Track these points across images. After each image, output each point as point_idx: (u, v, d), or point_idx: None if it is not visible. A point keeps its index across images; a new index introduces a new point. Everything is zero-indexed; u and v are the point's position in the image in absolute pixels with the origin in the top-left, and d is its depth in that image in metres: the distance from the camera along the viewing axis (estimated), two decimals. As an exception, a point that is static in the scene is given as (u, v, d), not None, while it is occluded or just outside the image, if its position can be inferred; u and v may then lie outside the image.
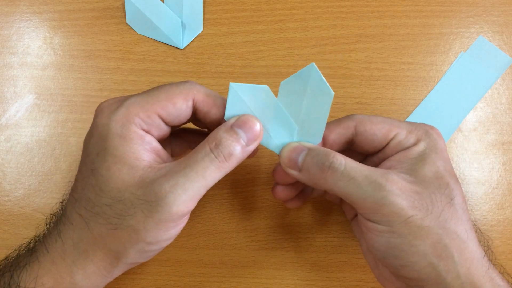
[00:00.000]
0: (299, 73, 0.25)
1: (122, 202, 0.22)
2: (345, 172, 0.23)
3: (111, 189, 0.22)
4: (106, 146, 0.23)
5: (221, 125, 0.24)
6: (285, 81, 0.26)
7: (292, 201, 0.28)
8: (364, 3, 0.37)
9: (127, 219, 0.22)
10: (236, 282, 0.31)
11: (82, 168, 0.24)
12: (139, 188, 0.22)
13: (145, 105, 0.23)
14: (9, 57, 0.36)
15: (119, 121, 0.23)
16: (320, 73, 0.25)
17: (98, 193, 0.23)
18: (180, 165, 0.23)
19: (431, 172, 0.24)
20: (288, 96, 0.26)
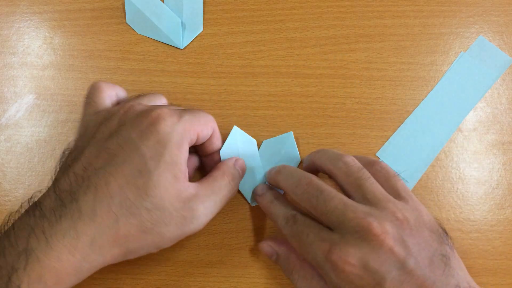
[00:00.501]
0: (279, 137, 0.33)
1: (161, 210, 0.24)
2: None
3: (155, 195, 0.24)
4: (164, 153, 0.24)
5: (230, 162, 0.30)
6: (267, 141, 0.33)
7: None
8: (364, 3, 0.37)
9: (159, 226, 0.24)
10: (236, 282, 0.31)
11: (125, 167, 0.24)
12: (179, 202, 0.25)
13: (195, 124, 0.27)
14: (9, 57, 0.36)
15: (179, 133, 0.25)
16: (294, 142, 0.33)
17: (141, 195, 0.24)
18: (207, 190, 0.27)
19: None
20: (266, 152, 0.33)
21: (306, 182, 0.27)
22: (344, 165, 0.27)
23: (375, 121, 0.34)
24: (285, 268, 0.29)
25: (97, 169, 0.24)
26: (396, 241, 0.24)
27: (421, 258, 0.24)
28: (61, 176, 0.25)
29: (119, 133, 0.25)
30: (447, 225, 0.32)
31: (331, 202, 0.25)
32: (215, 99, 0.35)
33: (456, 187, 0.33)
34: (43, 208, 0.23)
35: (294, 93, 0.35)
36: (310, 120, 0.34)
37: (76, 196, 0.23)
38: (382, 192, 0.26)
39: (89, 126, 0.27)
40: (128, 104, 0.27)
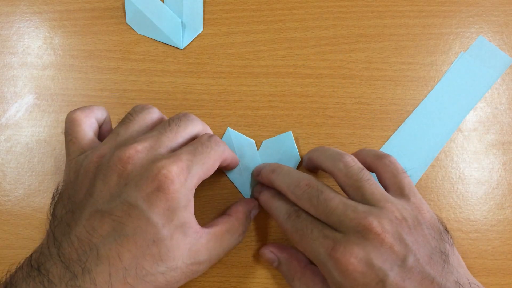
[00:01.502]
0: (278, 137, 0.34)
1: (175, 270, 0.24)
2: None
3: (169, 258, 0.24)
4: (174, 218, 0.24)
5: (247, 210, 0.30)
6: (267, 141, 0.34)
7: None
8: (364, 3, 0.37)
9: (173, 284, 0.24)
10: (236, 282, 0.31)
11: (137, 238, 0.23)
12: (189, 258, 0.25)
13: (201, 174, 0.26)
14: (9, 57, 0.36)
15: (187, 194, 0.24)
16: (294, 141, 0.33)
17: (157, 262, 0.23)
18: (217, 243, 0.26)
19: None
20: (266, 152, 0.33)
21: (305, 183, 0.27)
22: (344, 166, 0.27)
23: (375, 121, 0.34)
24: (286, 274, 0.29)
25: (104, 237, 0.23)
26: (395, 239, 0.24)
27: (421, 255, 0.24)
28: (62, 237, 0.23)
29: (122, 196, 0.23)
30: (447, 225, 0.32)
31: (332, 202, 0.26)
32: (215, 99, 0.35)
33: (456, 187, 0.33)
34: (51, 277, 0.22)
35: (294, 93, 0.35)
36: (310, 120, 0.34)
37: (87, 267, 0.22)
38: (381, 192, 0.26)
39: (80, 173, 0.25)
40: (124, 154, 0.24)
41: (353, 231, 0.24)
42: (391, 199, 0.26)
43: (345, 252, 0.24)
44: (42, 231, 0.32)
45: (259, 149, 0.33)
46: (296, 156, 0.33)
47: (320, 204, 0.26)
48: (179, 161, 0.24)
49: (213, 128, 0.34)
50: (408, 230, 0.25)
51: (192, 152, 0.25)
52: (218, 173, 0.33)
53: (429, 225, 0.26)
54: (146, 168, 0.24)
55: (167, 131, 0.26)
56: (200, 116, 0.34)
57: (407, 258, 0.24)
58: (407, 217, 0.25)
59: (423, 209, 0.26)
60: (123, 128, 0.27)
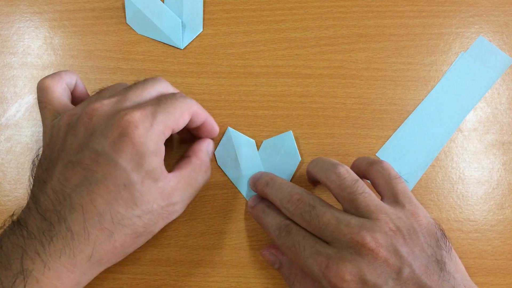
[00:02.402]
0: (278, 136, 0.33)
1: (151, 213, 0.25)
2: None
3: (143, 202, 0.25)
4: (143, 163, 0.24)
5: (206, 147, 0.31)
6: (267, 141, 0.33)
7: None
8: (364, 3, 0.37)
9: (151, 227, 0.26)
10: (236, 282, 0.31)
11: (108, 183, 0.24)
12: (163, 200, 0.26)
13: (168, 123, 0.26)
14: (9, 57, 0.36)
15: (154, 139, 0.25)
16: (294, 141, 0.33)
17: (131, 206, 0.24)
18: (185, 182, 0.27)
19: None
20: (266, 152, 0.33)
21: (297, 197, 0.27)
22: (337, 178, 0.27)
23: (375, 121, 0.34)
24: (287, 276, 0.29)
25: (77, 185, 0.24)
26: (390, 252, 0.24)
27: (416, 266, 0.24)
28: (39, 192, 0.24)
29: (90, 145, 0.24)
30: (447, 225, 0.32)
31: (324, 217, 0.25)
32: (215, 99, 0.35)
33: (456, 187, 0.33)
34: (29, 228, 0.23)
35: (294, 93, 0.35)
36: (310, 120, 0.34)
37: (62, 216, 0.23)
38: (375, 203, 0.26)
39: (53, 133, 0.26)
40: (91, 107, 0.25)
41: (346, 246, 0.24)
42: (386, 210, 0.26)
43: (338, 270, 0.24)
44: (42, 231, 0.32)
45: (259, 149, 0.33)
46: (296, 155, 0.33)
47: (313, 220, 0.26)
48: (142, 109, 0.25)
49: (213, 128, 0.34)
50: (403, 241, 0.24)
51: (156, 103, 0.26)
52: (218, 173, 0.33)
53: (426, 233, 0.25)
54: (111, 117, 0.25)
55: (134, 88, 0.27)
56: (200, 116, 0.34)
57: (402, 270, 0.23)
58: (401, 227, 0.25)
59: (419, 215, 0.26)
60: (95, 95, 0.28)
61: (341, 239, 0.24)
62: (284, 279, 0.29)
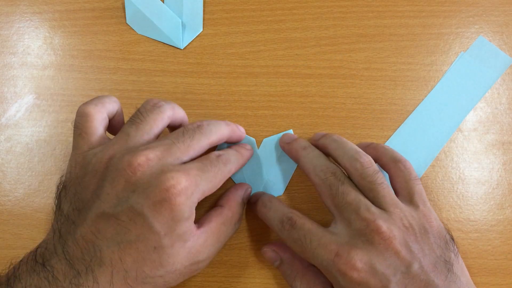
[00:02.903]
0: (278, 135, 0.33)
1: (174, 273, 0.25)
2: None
3: (169, 264, 0.24)
4: (176, 228, 0.24)
5: (240, 199, 0.30)
6: (267, 139, 0.33)
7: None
8: (364, 3, 0.37)
9: (171, 284, 0.25)
10: (236, 282, 0.31)
11: (139, 244, 0.23)
12: (188, 260, 0.25)
13: (206, 191, 0.26)
14: (9, 57, 0.36)
15: (191, 206, 0.24)
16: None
17: (156, 267, 0.24)
18: (213, 239, 0.27)
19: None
20: (266, 151, 0.33)
21: (332, 170, 0.28)
22: (361, 166, 0.28)
23: (375, 121, 0.34)
24: (287, 274, 0.29)
25: (108, 239, 0.23)
26: (402, 245, 0.24)
27: (425, 263, 0.24)
28: (68, 235, 0.24)
29: (129, 202, 0.23)
30: (447, 225, 0.32)
31: (349, 196, 0.26)
32: (215, 99, 0.35)
33: (456, 187, 0.33)
34: (55, 274, 0.23)
35: (294, 93, 0.35)
36: (310, 120, 0.34)
37: (91, 267, 0.23)
38: (392, 197, 0.27)
39: (88, 169, 0.25)
40: (135, 160, 0.24)
41: (359, 233, 0.25)
42: (401, 206, 0.26)
43: (349, 257, 0.24)
44: (42, 231, 0.32)
45: (259, 147, 0.33)
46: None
47: (338, 195, 0.26)
48: (188, 175, 0.24)
49: (213, 128, 0.34)
50: (415, 238, 0.25)
51: (201, 169, 0.25)
52: (218, 173, 0.33)
53: (436, 234, 0.26)
54: (155, 177, 0.24)
55: (180, 142, 0.26)
56: (200, 116, 0.34)
57: (412, 265, 0.24)
58: (414, 225, 0.26)
59: (430, 218, 0.27)
60: (133, 128, 0.26)
61: (356, 224, 0.25)
62: (284, 277, 0.29)
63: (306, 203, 0.32)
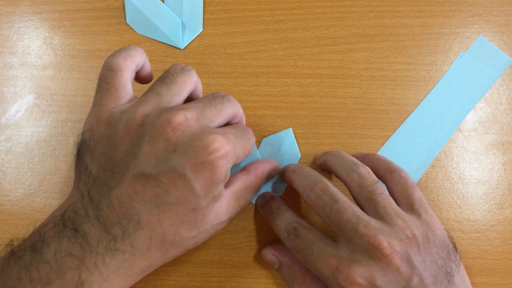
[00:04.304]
0: (278, 134, 0.34)
1: (204, 233, 0.25)
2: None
3: (202, 225, 0.24)
4: (213, 190, 0.24)
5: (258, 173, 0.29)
6: (266, 138, 0.34)
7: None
8: (364, 3, 0.37)
9: (198, 244, 0.26)
10: (236, 282, 0.31)
11: (179, 207, 0.23)
12: (215, 220, 0.25)
13: (240, 155, 0.26)
14: (9, 57, 0.36)
15: (228, 168, 0.24)
16: (294, 138, 0.34)
17: (192, 228, 0.24)
18: (235, 202, 0.27)
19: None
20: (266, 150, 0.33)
21: (320, 187, 0.27)
22: (358, 177, 0.27)
23: (375, 121, 0.34)
24: (286, 278, 0.29)
25: (146, 202, 0.22)
26: (403, 260, 0.24)
27: (426, 276, 0.24)
28: (101, 198, 0.23)
29: (170, 163, 0.22)
30: (447, 225, 0.32)
31: (345, 214, 0.25)
32: (215, 99, 0.35)
33: (456, 187, 0.33)
34: (88, 238, 0.22)
35: (294, 93, 0.35)
36: (310, 120, 0.34)
37: (127, 231, 0.22)
38: (393, 207, 0.26)
39: (118, 128, 0.24)
40: (176, 118, 0.23)
41: (361, 249, 0.24)
42: (403, 216, 0.26)
43: (349, 272, 0.24)
44: (42, 231, 0.32)
45: (259, 147, 0.33)
46: (296, 153, 0.33)
47: (333, 214, 0.26)
48: (228, 139, 0.24)
49: (213, 128, 0.34)
50: (417, 250, 0.25)
51: (238, 135, 0.26)
52: (218, 173, 0.33)
53: (438, 243, 0.26)
54: (196, 138, 0.23)
55: (212, 106, 0.25)
56: (200, 116, 0.34)
57: (412, 279, 0.24)
58: (417, 235, 0.25)
59: (434, 225, 0.26)
60: (164, 88, 0.25)
61: (357, 239, 0.24)
62: (284, 280, 0.29)
63: (306, 203, 0.32)
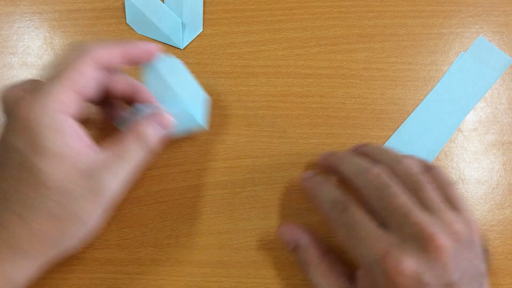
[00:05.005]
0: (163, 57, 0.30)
1: (69, 193, 0.23)
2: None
3: (55, 183, 0.23)
4: (41, 142, 0.22)
5: (144, 123, 0.27)
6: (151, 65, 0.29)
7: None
8: (364, 3, 0.37)
9: (73, 209, 0.23)
10: (236, 282, 0.31)
11: (6, 166, 0.23)
12: (84, 179, 0.23)
13: (62, 89, 0.23)
14: (9, 57, 0.36)
15: (46, 112, 0.23)
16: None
17: (40, 189, 0.23)
18: (114, 157, 0.25)
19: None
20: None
21: (374, 173, 0.26)
22: (404, 168, 0.26)
23: (375, 121, 0.34)
24: (302, 260, 0.28)
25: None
26: (451, 256, 0.23)
27: (465, 276, 0.23)
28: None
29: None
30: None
31: (397, 200, 0.25)
32: (215, 99, 0.35)
33: (456, 187, 0.33)
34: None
35: (294, 93, 0.35)
36: (310, 120, 0.34)
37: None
38: (438, 200, 0.25)
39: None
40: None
41: (411, 238, 0.23)
42: (449, 212, 0.25)
43: (398, 261, 0.23)
44: (42, 231, 0.32)
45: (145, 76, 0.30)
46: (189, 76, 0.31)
47: (384, 198, 0.25)
48: (25, 85, 0.24)
49: (213, 128, 0.34)
50: (463, 247, 0.24)
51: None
52: (218, 173, 0.33)
53: (477, 242, 0.25)
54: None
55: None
56: (200, 116, 0.34)
57: (453, 277, 0.23)
58: (462, 233, 0.24)
59: (473, 224, 0.25)
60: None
61: (407, 228, 0.24)
62: (299, 262, 0.29)
63: (306, 203, 0.32)
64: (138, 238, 0.32)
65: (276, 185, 0.33)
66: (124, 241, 0.31)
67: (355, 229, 0.25)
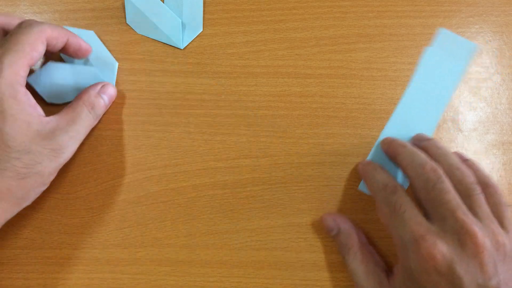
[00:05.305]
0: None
1: (31, 153, 0.26)
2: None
3: (18, 144, 0.26)
4: (6, 110, 0.26)
5: (92, 90, 0.32)
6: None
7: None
8: (364, 3, 0.37)
9: (36, 167, 0.27)
10: (236, 282, 0.31)
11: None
12: (46, 141, 0.27)
13: (20, 62, 0.27)
14: (9, 57, 0.36)
15: (7, 83, 0.26)
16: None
17: (5, 149, 0.26)
18: (67, 120, 0.29)
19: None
20: None
21: (431, 167, 0.27)
22: (461, 174, 0.27)
23: (375, 121, 0.34)
24: (342, 245, 0.30)
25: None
26: (490, 258, 0.23)
27: (504, 284, 0.23)
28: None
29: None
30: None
31: (447, 195, 0.25)
32: (215, 99, 0.35)
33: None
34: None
35: (294, 93, 0.35)
36: (310, 120, 0.34)
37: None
38: (488, 211, 0.26)
39: None
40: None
41: (453, 231, 0.24)
42: (496, 222, 0.25)
43: (433, 245, 0.23)
44: (42, 231, 0.32)
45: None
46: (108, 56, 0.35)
47: (434, 191, 0.26)
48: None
49: (213, 128, 0.34)
50: (503, 258, 0.24)
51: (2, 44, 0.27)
52: (218, 173, 0.33)
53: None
54: None
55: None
56: (200, 116, 0.34)
57: (491, 280, 0.23)
58: (506, 246, 0.25)
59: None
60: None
61: (451, 222, 0.24)
62: (339, 247, 0.30)
63: (306, 203, 0.32)
64: (138, 238, 0.32)
65: (276, 185, 0.33)
66: (124, 241, 0.32)
67: (400, 210, 0.26)
